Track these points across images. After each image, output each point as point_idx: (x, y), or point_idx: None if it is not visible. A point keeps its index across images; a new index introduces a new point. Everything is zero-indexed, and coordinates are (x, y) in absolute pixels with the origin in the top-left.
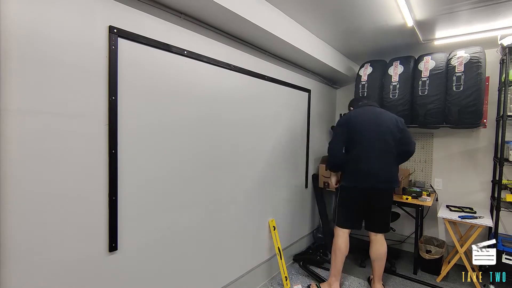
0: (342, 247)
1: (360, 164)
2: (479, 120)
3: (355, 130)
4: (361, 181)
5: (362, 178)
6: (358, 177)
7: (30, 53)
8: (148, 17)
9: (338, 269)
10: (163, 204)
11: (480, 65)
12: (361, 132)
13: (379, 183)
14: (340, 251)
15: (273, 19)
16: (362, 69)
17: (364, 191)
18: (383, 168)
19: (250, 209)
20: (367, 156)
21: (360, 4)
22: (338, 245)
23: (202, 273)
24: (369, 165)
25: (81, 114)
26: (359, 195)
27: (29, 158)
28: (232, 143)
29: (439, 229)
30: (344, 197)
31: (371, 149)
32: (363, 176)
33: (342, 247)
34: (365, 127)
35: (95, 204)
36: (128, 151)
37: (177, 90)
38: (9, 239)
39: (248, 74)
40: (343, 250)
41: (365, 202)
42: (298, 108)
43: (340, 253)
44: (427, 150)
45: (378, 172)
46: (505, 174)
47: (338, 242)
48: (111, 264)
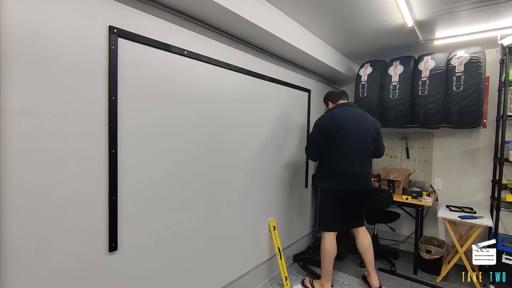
0: (330, 250)
1: (345, 166)
2: (479, 120)
3: (339, 131)
4: (345, 183)
5: (346, 180)
6: (343, 179)
7: (30, 53)
8: (148, 17)
9: (328, 270)
10: (163, 204)
11: (480, 65)
12: (345, 134)
13: (361, 185)
14: (329, 255)
15: (273, 19)
16: (362, 69)
17: (348, 192)
18: (364, 169)
19: (250, 209)
20: (351, 158)
21: (360, 4)
22: (326, 248)
23: (202, 273)
24: (353, 167)
25: (81, 114)
26: (343, 196)
27: (29, 158)
28: (232, 143)
29: (439, 229)
30: (327, 200)
31: (354, 151)
32: (348, 178)
33: (330, 251)
34: (349, 129)
35: (95, 204)
36: (128, 151)
37: (177, 90)
38: (9, 239)
39: (248, 74)
40: (331, 253)
41: (347, 203)
42: (298, 108)
43: (328, 256)
44: (427, 150)
45: (361, 174)
46: (505, 174)
47: (326, 245)
48: (111, 264)
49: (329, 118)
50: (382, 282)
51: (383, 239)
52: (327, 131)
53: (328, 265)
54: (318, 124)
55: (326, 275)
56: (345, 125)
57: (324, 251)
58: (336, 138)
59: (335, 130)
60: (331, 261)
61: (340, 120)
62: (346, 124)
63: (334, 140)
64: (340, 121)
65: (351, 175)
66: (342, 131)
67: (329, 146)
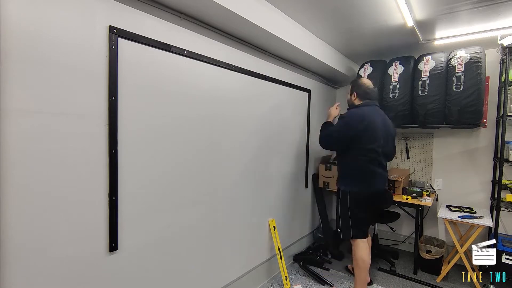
0: (367, 259)
1: (375, 168)
2: (479, 120)
3: (369, 132)
4: (376, 185)
5: (377, 182)
6: (374, 181)
7: (30, 53)
8: (148, 17)
9: (364, 280)
10: (163, 204)
11: (480, 65)
12: (375, 136)
13: (384, 185)
14: (365, 263)
15: (273, 19)
16: (362, 69)
17: (377, 194)
18: (387, 171)
19: (250, 209)
20: (380, 159)
21: (360, 4)
22: (362, 258)
23: (202, 273)
24: (380, 169)
25: (81, 114)
26: (374, 198)
27: (29, 158)
28: (232, 143)
29: (439, 229)
30: (358, 204)
31: (382, 153)
32: (378, 179)
33: (367, 260)
34: (378, 131)
35: (95, 204)
36: (128, 151)
37: (177, 90)
38: (9, 239)
39: (248, 74)
40: (368, 263)
41: (374, 205)
42: (298, 108)
43: (365, 265)
44: (427, 150)
45: (384, 175)
46: (505, 174)
47: (362, 254)
48: (111, 264)
49: (360, 116)
50: (382, 282)
51: (383, 239)
52: (357, 131)
53: (365, 276)
54: (349, 122)
55: (362, 286)
56: (375, 127)
57: (359, 261)
58: (365, 140)
59: (366, 130)
60: (367, 271)
61: (371, 120)
62: (375, 125)
63: (362, 142)
64: (371, 122)
65: (381, 177)
66: (372, 131)
67: (356, 147)
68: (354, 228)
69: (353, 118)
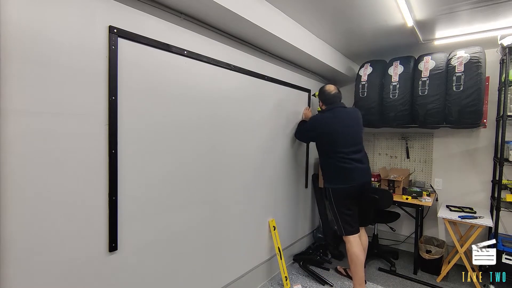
0: (360, 254)
1: (344, 165)
2: (479, 120)
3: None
4: (350, 180)
5: (350, 177)
6: (347, 177)
7: (30, 53)
8: (148, 17)
9: (361, 277)
10: (163, 204)
11: (480, 65)
12: (337, 134)
13: (364, 177)
14: (359, 259)
15: (273, 19)
16: (362, 69)
17: (354, 188)
18: (364, 160)
19: (250, 209)
20: (349, 157)
21: (360, 4)
22: (355, 253)
23: (202, 273)
24: (353, 164)
25: (81, 114)
26: (351, 193)
27: (29, 158)
28: (232, 143)
29: (439, 229)
30: (342, 200)
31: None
32: (351, 174)
33: (360, 255)
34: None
35: (95, 204)
36: (128, 151)
37: (177, 90)
38: (9, 239)
39: (248, 74)
40: (362, 258)
41: (359, 199)
42: (299, 108)
43: (359, 261)
44: (427, 150)
45: (361, 167)
46: (505, 174)
47: (355, 250)
48: (111, 264)
49: (318, 121)
50: (382, 282)
51: (383, 239)
52: (318, 133)
53: (361, 272)
54: (313, 125)
55: (360, 282)
56: (336, 126)
57: (353, 257)
58: (331, 139)
59: (329, 132)
60: (362, 266)
61: (331, 123)
62: (335, 128)
63: (330, 141)
64: (331, 124)
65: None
66: (334, 132)
67: (325, 149)
68: (343, 225)
69: (313, 123)
